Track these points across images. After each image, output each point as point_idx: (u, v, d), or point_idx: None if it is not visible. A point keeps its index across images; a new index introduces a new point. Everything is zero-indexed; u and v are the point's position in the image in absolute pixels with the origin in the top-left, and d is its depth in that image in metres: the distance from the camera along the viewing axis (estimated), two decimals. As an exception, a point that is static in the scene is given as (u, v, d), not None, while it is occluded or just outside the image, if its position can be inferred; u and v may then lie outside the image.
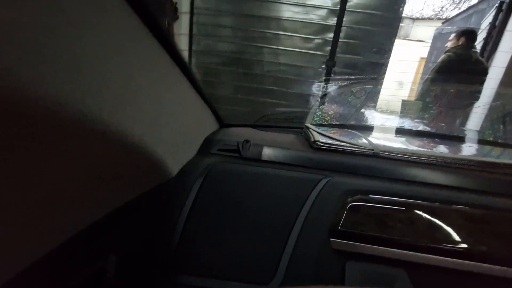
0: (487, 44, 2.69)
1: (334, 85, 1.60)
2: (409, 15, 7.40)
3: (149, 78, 0.35)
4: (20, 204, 0.23)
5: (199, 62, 3.02)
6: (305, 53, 2.84)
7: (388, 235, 0.56)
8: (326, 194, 0.60)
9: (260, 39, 2.85)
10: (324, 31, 2.77)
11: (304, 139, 0.79)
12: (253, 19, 2.81)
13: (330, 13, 2.72)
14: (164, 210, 0.58)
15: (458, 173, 0.64)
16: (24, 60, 0.16)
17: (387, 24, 2.71)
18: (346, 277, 0.54)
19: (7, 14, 0.15)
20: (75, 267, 0.43)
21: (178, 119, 0.50)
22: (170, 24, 2.55)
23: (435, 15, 7.35)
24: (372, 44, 2.75)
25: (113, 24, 0.26)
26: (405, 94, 4.03)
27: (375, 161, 0.66)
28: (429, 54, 4.99)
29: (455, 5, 6.71)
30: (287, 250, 0.56)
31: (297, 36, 2.81)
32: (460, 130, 2.29)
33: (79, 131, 0.23)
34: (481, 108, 2.40)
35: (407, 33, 7.25)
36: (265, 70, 2.94)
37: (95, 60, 0.23)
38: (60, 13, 0.19)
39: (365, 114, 1.44)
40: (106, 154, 0.30)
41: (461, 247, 0.55)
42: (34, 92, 0.17)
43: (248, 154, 0.66)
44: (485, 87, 2.46)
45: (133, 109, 0.31)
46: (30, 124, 0.19)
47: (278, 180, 0.61)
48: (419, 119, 2.26)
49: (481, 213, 0.58)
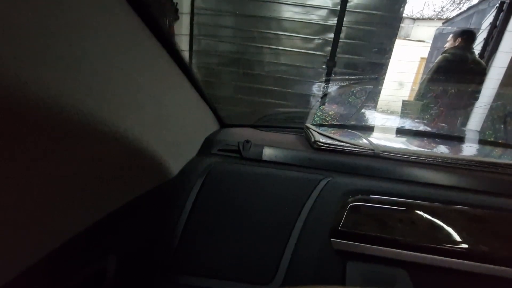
0: (487, 44, 2.69)
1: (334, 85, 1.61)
2: (410, 15, 7.40)
3: (150, 79, 0.35)
4: (20, 205, 0.23)
5: (200, 62, 3.03)
6: (306, 53, 2.84)
7: (389, 235, 0.56)
8: (326, 194, 0.60)
9: (261, 39, 2.85)
10: (324, 31, 2.77)
11: (305, 139, 0.79)
12: (254, 19, 2.81)
13: (330, 13, 2.72)
14: (164, 210, 0.58)
15: (459, 173, 0.64)
16: (24, 61, 0.16)
17: (387, 24, 2.71)
18: (346, 277, 0.54)
19: (8, 14, 0.15)
20: (76, 268, 0.43)
21: (178, 119, 0.50)
22: (170, 25, 2.56)
23: (435, 15, 7.34)
24: (372, 44, 2.75)
25: (114, 24, 0.26)
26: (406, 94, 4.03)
27: (375, 161, 0.66)
28: (430, 54, 4.98)
29: (456, 5, 6.71)
30: (288, 250, 0.56)
31: (297, 36, 2.81)
32: (460, 131, 2.29)
33: (80, 131, 0.23)
34: (481, 108, 2.40)
35: (408, 33, 7.24)
36: (265, 70, 2.95)
37: (95, 61, 0.23)
38: (61, 13, 0.19)
39: (365, 114, 1.44)
40: (106, 155, 0.29)
41: (462, 247, 0.55)
42: (34, 93, 0.17)
43: (249, 154, 0.66)
44: (485, 87, 2.46)
45: (133, 109, 0.31)
46: (30, 124, 0.19)
47: (278, 180, 0.61)
48: (419, 119, 2.25)
49: (482, 213, 0.57)
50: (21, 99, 0.16)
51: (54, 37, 0.18)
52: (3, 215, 0.22)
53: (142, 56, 0.33)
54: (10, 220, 0.23)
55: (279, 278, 0.54)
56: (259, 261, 0.55)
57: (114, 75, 0.26)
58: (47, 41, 0.18)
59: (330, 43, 2.77)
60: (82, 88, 0.21)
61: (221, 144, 0.68)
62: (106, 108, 0.25)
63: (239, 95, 3.02)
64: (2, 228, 0.23)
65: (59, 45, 0.19)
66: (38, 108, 0.18)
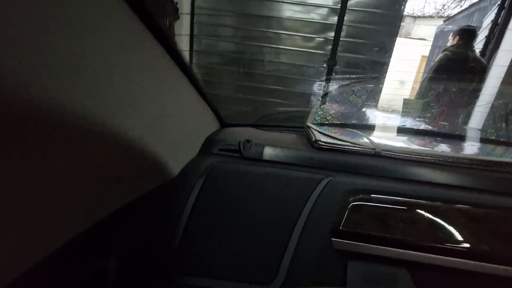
0: (489, 43, 2.67)
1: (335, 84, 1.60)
2: (411, 13, 7.37)
3: (150, 79, 0.35)
4: (21, 206, 0.23)
5: (200, 62, 3.03)
6: (306, 52, 2.84)
7: (390, 235, 0.56)
8: (327, 194, 0.59)
9: (261, 38, 2.85)
10: (325, 30, 2.76)
11: (306, 139, 0.78)
12: (254, 19, 2.81)
13: (331, 11, 2.71)
14: (165, 211, 0.58)
15: (461, 172, 0.64)
16: (25, 62, 0.16)
17: (388, 23, 2.70)
18: (348, 277, 0.54)
19: (9, 14, 0.15)
20: (77, 268, 0.43)
21: (179, 119, 0.50)
22: (171, 25, 2.55)
23: (436, 13, 7.31)
24: (373, 43, 2.74)
25: (114, 25, 0.25)
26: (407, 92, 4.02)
27: (376, 160, 0.66)
28: (431, 52, 4.97)
29: (457, 3, 6.68)
30: (289, 250, 0.56)
31: (298, 35, 2.80)
32: (462, 129, 2.28)
33: (80, 132, 0.23)
34: (483, 107, 2.39)
35: (409, 32, 7.22)
36: (266, 69, 2.94)
37: (95, 61, 0.23)
38: (60, 14, 0.19)
39: (366, 113, 1.43)
40: (107, 155, 0.29)
41: (464, 246, 0.55)
42: (34, 93, 0.17)
43: (249, 154, 0.66)
44: (487, 86, 2.45)
45: (134, 110, 0.31)
46: (31, 125, 0.19)
47: (279, 180, 0.61)
48: (421, 118, 2.25)
49: (483, 212, 0.57)
50: (21, 100, 0.16)
51: (54, 37, 0.18)
52: (4, 215, 0.22)
53: (143, 56, 0.33)
54: (11, 221, 0.23)
55: (280, 278, 0.54)
56: (260, 261, 0.55)
57: (114, 75, 0.26)
58: (47, 42, 0.18)
59: (330, 42, 2.76)
60: (82, 88, 0.21)
61: (221, 143, 0.68)
62: (106, 108, 0.25)
63: (240, 94, 3.02)
64: (3, 228, 0.23)
65: (59, 46, 0.19)
66: (39, 109, 0.18)
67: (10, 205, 0.22)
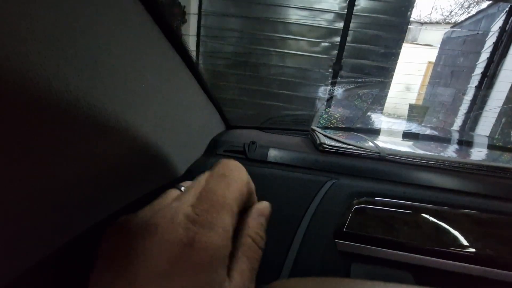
0: (497, 49, 2.65)
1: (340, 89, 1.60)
2: (417, 19, 7.34)
3: (160, 78, 0.36)
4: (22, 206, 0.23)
5: (206, 64, 3.06)
6: (312, 57, 2.85)
7: (394, 238, 0.56)
8: (331, 196, 0.60)
9: (267, 42, 2.87)
10: (331, 35, 2.77)
11: (310, 142, 0.79)
12: (260, 22, 2.83)
13: (337, 17, 2.72)
14: None
15: (466, 178, 0.63)
16: (47, 56, 0.17)
17: (394, 28, 2.71)
18: (351, 278, 0.54)
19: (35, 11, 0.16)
20: (78, 268, 0.43)
21: (185, 119, 0.50)
22: (178, 27, 2.59)
23: (443, 20, 7.28)
24: (379, 48, 2.74)
25: (128, 24, 0.26)
26: (413, 98, 3.99)
27: (381, 164, 0.66)
28: (438, 58, 4.94)
29: (464, 9, 6.64)
30: (292, 251, 0.56)
31: (304, 39, 2.82)
32: (468, 135, 2.26)
33: (92, 127, 0.23)
34: (491, 113, 2.36)
35: (415, 37, 7.19)
36: (271, 73, 2.96)
37: (111, 59, 0.24)
38: (81, 11, 0.20)
39: (371, 118, 1.43)
40: (112, 153, 0.29)
41: (469, 251, 0.54)
42: (56, 87, 0.18)
43: (254, 155, 0.66)
44: (495, 91, 2.43)
45: (143, 108, 0.31)
46: (50, 119, 0.19)
47: (283, 181, 0.62)
48: (426, 123, 2.23)
49: (489, 218, 0.57)
50: (43, 94, 0.17)
51: (75, 34, 0.19)
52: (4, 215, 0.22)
53: (154, 56, 0.34)
54: (11, 221, 0.23)
55: (283, 279, 0.54)
56: (263, 261, 0.55)
57: (128, 74, 0.27)
58: (69, 38, 0.18)
59: (336, 47, 2.77)
60: (98, 85, 0.22)
61: (226, 145, 0.69)
62: (119, 106, 0.25)
63: (245, 97, 3.04)
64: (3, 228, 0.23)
65: (78, 43, 0.20)
66: (58, 103, 0.18)
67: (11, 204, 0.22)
